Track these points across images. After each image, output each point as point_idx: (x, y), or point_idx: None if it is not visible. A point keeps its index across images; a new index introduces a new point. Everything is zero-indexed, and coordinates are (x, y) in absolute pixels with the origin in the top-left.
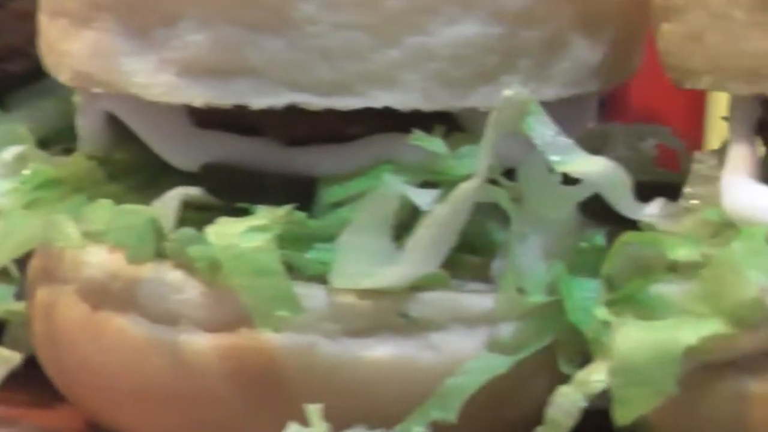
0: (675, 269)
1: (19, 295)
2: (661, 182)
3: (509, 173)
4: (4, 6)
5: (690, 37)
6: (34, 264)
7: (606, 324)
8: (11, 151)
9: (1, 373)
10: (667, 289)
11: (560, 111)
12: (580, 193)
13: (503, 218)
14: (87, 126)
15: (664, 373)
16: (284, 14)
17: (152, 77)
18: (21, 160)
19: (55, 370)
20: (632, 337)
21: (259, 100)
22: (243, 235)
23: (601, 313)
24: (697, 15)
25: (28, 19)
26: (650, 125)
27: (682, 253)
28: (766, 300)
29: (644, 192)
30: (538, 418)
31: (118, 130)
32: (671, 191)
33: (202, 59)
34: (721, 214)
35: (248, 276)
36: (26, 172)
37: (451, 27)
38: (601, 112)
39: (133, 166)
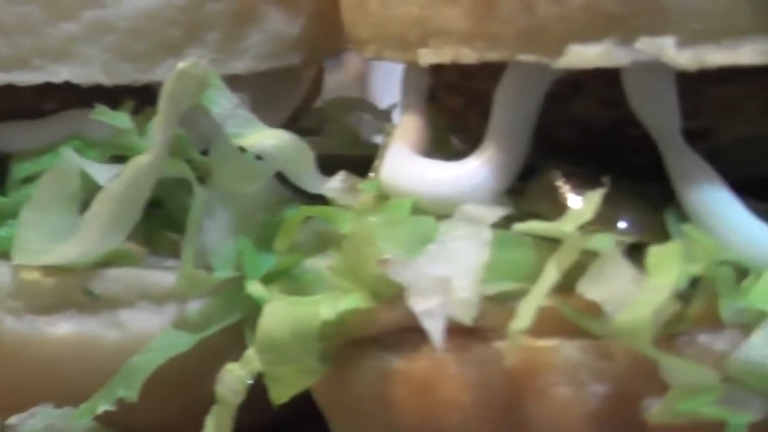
0: None
1: None
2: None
3: None
4: None
5: (357, 4)
6: None
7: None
8: None
9: None
10: (318, 263)
11: (264, 85)
12: (269, 168)
13: None
14: None
15: (305, 349)
16: None
17: None
18: None
19: None
20: (276, 314)
21: None
22: None
23: (254, 288)
24: None
25: None
26: (357, 99)
27: (351, 227)
28: (388, 272)
29: (349, 166)
30: None
31: None
32: None
33: None
34: (379, 186)
35: None
36: None
37: None
38: None
39: None
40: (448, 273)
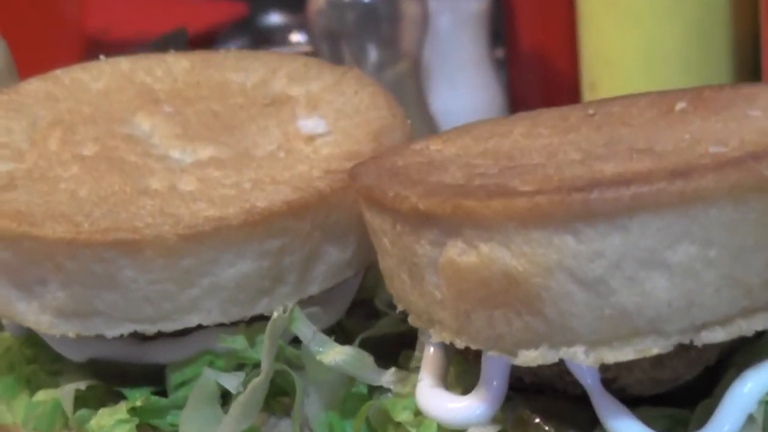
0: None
1: None
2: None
3: None
4: None
5: (387, 276)
6: None
7: None
8: None
9: None
10: None
11: (329, 293)
12: (338, 369)
13: None
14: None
15: None
16: (115, 279)
17: (38, 317)
18: None
19: None
20: None
21: (110, 331)
22: (113, 426)
23: None
24: (384, 262)
25: None
26: None
27: (402, 416)
28: None
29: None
30: None
31: None
32: None
33: (67, 307)
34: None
35: None
36: None
37: (231, 268)
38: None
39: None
40: None
